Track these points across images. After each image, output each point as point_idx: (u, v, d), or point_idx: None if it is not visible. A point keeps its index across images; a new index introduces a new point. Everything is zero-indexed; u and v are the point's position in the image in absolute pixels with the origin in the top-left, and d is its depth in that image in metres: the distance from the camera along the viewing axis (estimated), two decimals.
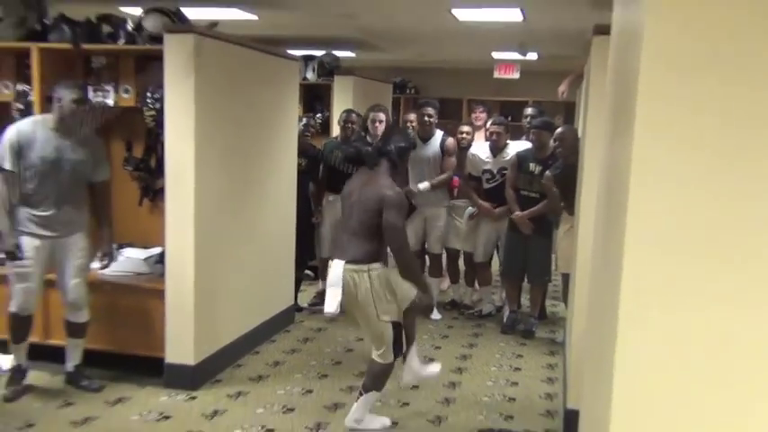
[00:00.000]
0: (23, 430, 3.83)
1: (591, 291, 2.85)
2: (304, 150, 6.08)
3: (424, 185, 6.00)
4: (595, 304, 2.43)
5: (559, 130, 5.43)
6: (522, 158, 5.78)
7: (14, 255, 4.05)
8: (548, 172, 5.42)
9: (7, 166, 4.00)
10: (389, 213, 3.71)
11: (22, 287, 4.14)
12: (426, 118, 6.09)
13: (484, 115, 6.88)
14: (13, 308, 4.17)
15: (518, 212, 5.71)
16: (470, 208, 6.20)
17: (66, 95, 4.04)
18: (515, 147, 6.01)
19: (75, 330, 4.38)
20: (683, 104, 1.46)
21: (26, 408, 4.11)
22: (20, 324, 4.21)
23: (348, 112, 6.36)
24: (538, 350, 5.58)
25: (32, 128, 4.07)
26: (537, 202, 5.66)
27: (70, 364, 4.44)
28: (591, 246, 3.25)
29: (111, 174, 4.57)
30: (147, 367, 4.52)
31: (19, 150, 4.00)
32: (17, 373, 4.30)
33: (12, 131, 4.04)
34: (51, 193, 4.10)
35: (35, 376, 4.49)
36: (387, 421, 4.09)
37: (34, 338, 4.48)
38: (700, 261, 1.48)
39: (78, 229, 4.28)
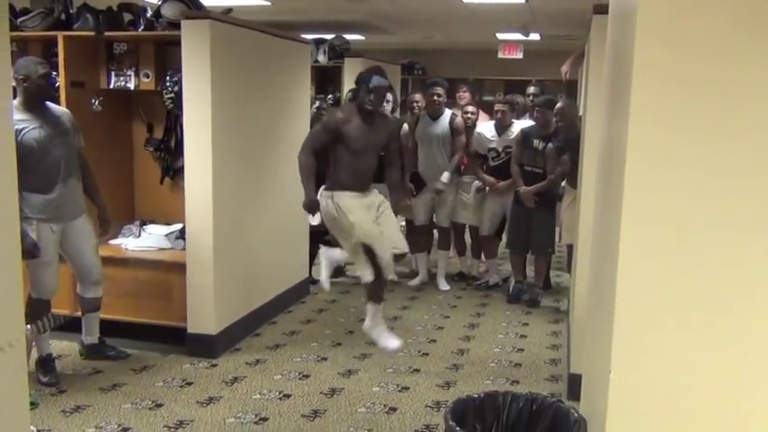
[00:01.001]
0: (56, 396, 4.07)
1: (592, 261, 2.95)
2: None
3: (445, 177, 6.25)
4: (595, 274, 2.51)
5: (559, 104, 5.63)
6: (526, 135, 5.95)
7: (33, 254, 3.86)
8: (550, 144, 5.62)
9: None
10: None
11: (45, 273, 4.13)
12: (436, 97, 6.27)
13: (467, 95, 7.06)
14: (37, 294, 4.14)
15: (524, 187, 5.90)
16: (477, 182, 6.39)
17: (32, 72, 3.96)
18: (520, 126, 6.18)
19: (93, 305, 4.51)
20: (678, 82, 1.49)
21: (57, 375, 4.33)
22: (41, 308, 4.14)
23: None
24: (543, 318, 5.79)
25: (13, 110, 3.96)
26: (541, 178, 5.83)
27: (91, 338, 4.58)
28: (592, 217, 3.42)
29: (134, 155, 4.75)
30: (170, 337, 4.75)
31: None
32: (48, 361, 4.29)
33: None
34: (57, 171, 4.07)
35: (66, 346, 4.73)
36: (396, 343, 4.52)
37: (65, 310, 4.68)
38: (694, 233, 1.53)
39: (82, 209, 4.30)
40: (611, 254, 1.71)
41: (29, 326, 4.19)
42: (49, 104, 4.21)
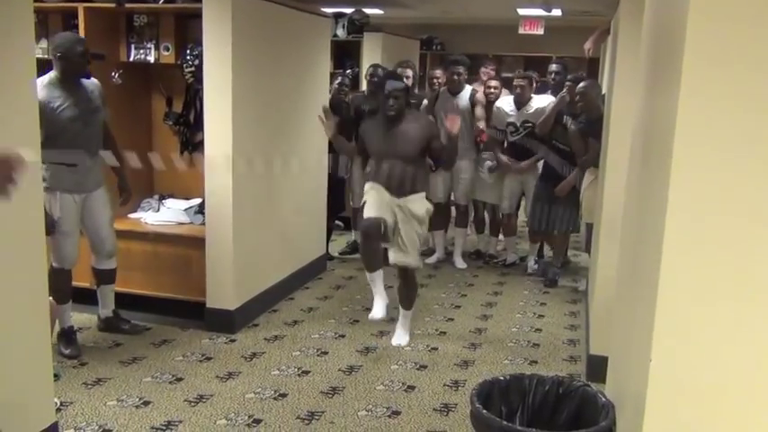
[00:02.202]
0: (78, 369, 4.09)
1: (623, 243, 2.90)
2: (337, 108, 6.22)
3: (488, 165, 6.31)
4: (629, 257, 2.46)
5: (581, 85, 5.53)
6: (559, 111, 5.90)
7: (49, 230, 3.81)
8: (572, 126, 5.55)
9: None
10: None
11: (66, 243, 4.17)
12: (456, 76, 6.26)
13: (492, 71, 7.03)
14: (56, 264, 4.17)
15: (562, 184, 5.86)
16: (489, 162, 6.33)
17: (71, 49, 4.00)
18: (539, 101, 6.11)
19: (108, 277, 4.54)
20: (733, 59, 1.43)
21: (79, 348, 4.34)
22: (63, 279, 4.21)
23: (374, 66, 6.49)
24: (560, 298, 5.77)
25: (49, 92, 3.97)
26: (566, 155, 5.77)
27: (107, 311, 4.61)
28: (620, 198, 3.37)
29: (153, 128, 4.73)
30: (189, 311, 4.76)
31: (43, 110, 3.75)
32: (70, 333, 4.31)
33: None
34: (85, 144, 4.14)
35: (86, 318, 4.75)
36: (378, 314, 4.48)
37: (84, 283, 4.69)
38: (744, 220, 1.48)
39: (102, 181, 4.35)
40: (653, 239, 1.67)
41: (51, 298, 4.25)
42: (83, 80, 4.25)
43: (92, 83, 4.30)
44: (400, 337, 4.67)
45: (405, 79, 6.27)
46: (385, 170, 4.41)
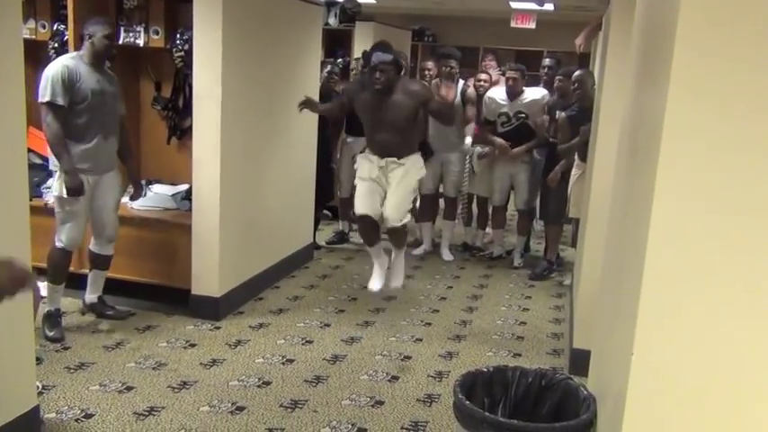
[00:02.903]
0: (60, 353, 4.07)
1: (609, 237, 2.91)
2: (327, 96, 6.20)
3: (478, 151, 6.34)
4: (614, 252, 2.47)
5: (577, 73, 5.57)
6: (550, 107, 6.00)
7: (78, 191, 4.10)
8: (563, 113, 5.56)
9: (60, 101, 3.98)
10: None
11: (74, 223, 4.19)
12: (448, 70, 6.21)
13: (493, 63, 7.01)
14: (60, 243, 4.19)
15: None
16: (479, 149, 6.34)
17: (98, 31, 4.12)
18: (531, 92, 6.12)
19: (104, 262, 4.54)
20: (723, 58, 1.43)
21: (62, 332, 4.31)
22: (65, 260, 4.25)
23: (365, 56, 6.45)
24: (545, 292, 5.79)
25: (75, 63, 4.11)
26: (553, 146, 5.79)
27: (94, 296, 4.60)
28: (607, 193, 3.37)
29: (141, 113, 4.70)
30: (175, 298, 4.74)
31: (69, 86, 4.01)
32: (56, 316, 4.30)
33: (57, 67, 4.02)
34: (101, 124, 4.17)
35: (70, 302, 4.70)
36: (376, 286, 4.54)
37: (71, 267, 4.65)
38: (729, 217, 1.48)
39: (115, 164, 4.38)
40: (638, 234, 1.68)
41: (45, 280, 4.26)
42: (111, 67, 4.37)
43: (112, 74, 4.38)
44: (395, 280, 4.65)
45: None
46: (377, 139, 4.39)
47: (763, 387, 1.54)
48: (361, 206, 4.43)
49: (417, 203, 4.76)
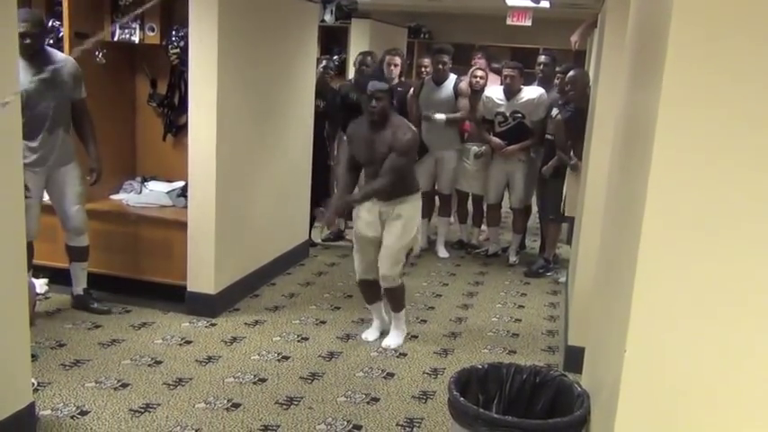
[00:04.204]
0: (56, 349, 4.07)
1: (603, 236, 2.92)
2: (322, 92, 6.21)
3: (439, 116, 6.22)
4: (608, 250, 2.48)
5: (571, 73, 5.55)
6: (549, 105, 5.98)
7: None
8: (558, 115, 5.56)
9: None
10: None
11: (26, 215, 4.20)
12: (440, 65, 6.23)
13: (482, 61, 6.99)
14: None
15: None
16: (475, 148, 6.34)
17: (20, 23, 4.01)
18: (529, 92, 6.12)
19: (78, 254, 4.55)
20: (716, 62, 1.44)
21: (57, 329, 4.34)
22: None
23: (364, 54, 6.47)
24: (541, 290, 5.80)
25: None
26: (551, 143, 5.81)
27: (78, 288, 4.62)
28: (601, 191, 3.38)
29: (136, 110, 4.68)
30: (170, 295, 4.74)
31: None
32: (33, 302, 4.29)
33: None
34: (44, 120, 4.15)
35: (65, 299, 4.73)
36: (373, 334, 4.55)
37: (60, 264, 4.68)
38: (719, 218, 1.50)
39: (70, 158, 4.37)
40: (632, 231, 1.69)
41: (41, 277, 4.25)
42: (53, 52, 4.27)
43: (63, 58, 4.29)
44: (392, 339, 4.52)
45: (393, 67, 6.33)
46: (372, 177, 4.30)
47: (754, 383, 1.55)
48: (361, 271, 4.40)
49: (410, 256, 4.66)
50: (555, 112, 5.74)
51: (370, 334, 4.55)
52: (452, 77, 6.32)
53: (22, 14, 3.99)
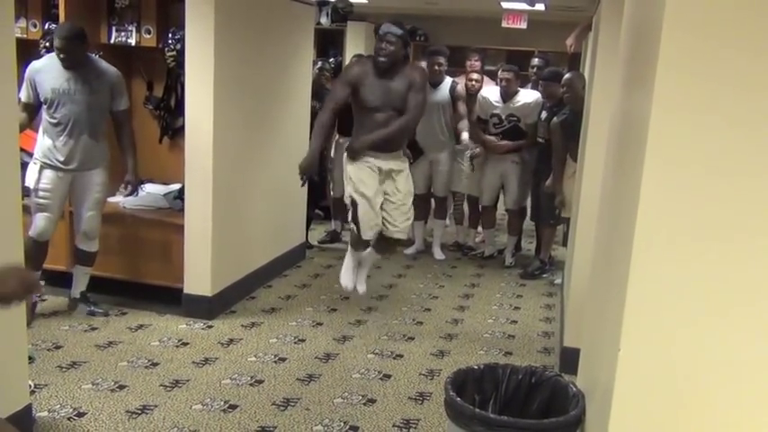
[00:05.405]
0: (52, 351, 4.07)
1: (598, 237, 2.93)
2: (318, 94, 6.21)
3: (469, 152, 6.29)
4: (603, 252, 2.49)
5: (567, 76, 5.58)
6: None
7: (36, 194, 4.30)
8: (555, 119, 5.57)
9: (22, 97, 4.19)
10: None
11: (42, 216, 4.31)
12: (437, 67, 6.23)
13: (478, 63, 7.00)
14: (31, 233, 4.28)
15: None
16: (470, 150, 6.36)
17: (56, 35, 4.25)
18: (525, 96, 6.14)
19: (85, 259, 4.58)
20: (707, 69, 1.46)
21: (54, 331, 4.35)
22: (37, 249, 4.31)
23: (359, 56, 6.48)
24: (536, 291, 5.82)
25: (45, 62, 4.29)
26: (544, 146, 5.83)
27: (76, 291, 4.64)
28: (596, 193, 3.39)
29: (132, 112, 4.70)
30: (167, 297, 4.74)
31: (33, 84, 4.22)
32: (33, 304, 4.41)
33: (29, 67, 4.27)
34: (67, 122, 4.26)
35: (62, 302, 4.73)
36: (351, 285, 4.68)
37: (60, 267, 4.69)
38: (712, 221, 1.51)
39: (97, 164, 4.43)
40: (625, 233, 1.70)
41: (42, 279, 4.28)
42: (97, 62, 4.42)
43: (105, 70, 4.41)
44: (362, 284, 4.74)
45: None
46: (378, 125, 4.27)
47: (748, 381, 1.57)
48: (368, 232, 4.37)
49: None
50: (545, 115, 5.76)
51: (346, 280, 4.67)
52: (448, 80, 6.34)
53: (57, 30, 4.32)
